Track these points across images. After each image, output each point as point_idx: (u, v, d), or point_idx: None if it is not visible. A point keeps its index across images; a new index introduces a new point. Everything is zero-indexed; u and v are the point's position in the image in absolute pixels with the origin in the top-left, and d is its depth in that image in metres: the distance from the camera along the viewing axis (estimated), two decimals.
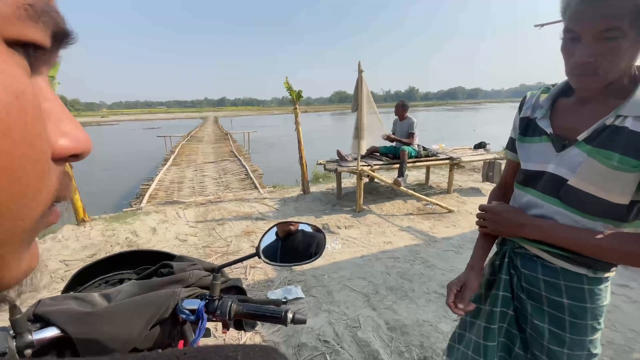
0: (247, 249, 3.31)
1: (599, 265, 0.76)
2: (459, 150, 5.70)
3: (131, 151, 17.08)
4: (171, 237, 3.71)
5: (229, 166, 8.30)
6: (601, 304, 0.79)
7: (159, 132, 23.94)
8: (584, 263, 0.76)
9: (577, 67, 0.70)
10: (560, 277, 0.80)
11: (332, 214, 4.30)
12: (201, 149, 12.31)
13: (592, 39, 0.65)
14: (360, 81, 3.96)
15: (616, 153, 0.68)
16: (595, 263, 0.76)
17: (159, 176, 6.94)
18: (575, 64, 0.69)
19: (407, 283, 2.59)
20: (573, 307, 0.79)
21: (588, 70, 0.68)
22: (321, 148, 14.50)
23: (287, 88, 4.90)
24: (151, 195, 5.55)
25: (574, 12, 0.68)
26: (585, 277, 0.78)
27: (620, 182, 0.69)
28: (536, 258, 0.84)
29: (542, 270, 0.82)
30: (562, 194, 0.76)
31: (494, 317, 0.89)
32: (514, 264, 0.89)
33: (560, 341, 0.80)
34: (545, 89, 0.88)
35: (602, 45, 0.65)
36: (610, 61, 0.66)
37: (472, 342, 0.93)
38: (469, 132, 22.24)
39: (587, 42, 0.66)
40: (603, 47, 0.65)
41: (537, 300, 0.84)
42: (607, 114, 0.71)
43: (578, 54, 0.68)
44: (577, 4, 0.66)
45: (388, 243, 3.40)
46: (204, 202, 4.95)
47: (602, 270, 0.77)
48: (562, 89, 0.84)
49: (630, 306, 2.23)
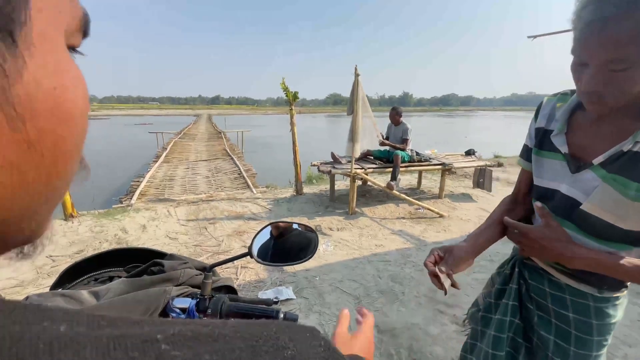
0: (238, 249, 3.29)
1: (605, 285, 0.75)
2: (451, 156, 5.78)
3: (122, 146, 16.82)
4: (161, 235, 3.67)
5: (222, 165, 8.24)
6: (609, 322, 0.77)
7: (150, 128, 23.65)
8: (588, 281, 0.76)
9: (582, 93, 0.67)
10: (566, 292, 0.79)
11: (324, 215, 4.31)
12: (194, 147, 12.19)
13: (597, 68, 0.61)
14: (357, 85, 3.99)
15: (634, 182, 0.64)
16: (601, 283, 0.74)
17: (150, 173, 6.84)
18: (581, 90, 0.67)
19: (398, 286, 2.61)
20: (578, 322, 0.78)
21: (593, 98, 0.65)
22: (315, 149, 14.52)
23: (283, 89, 4.90)
24: (142, 192, 5.48)
25: (579, 37, 0.63)
26: (590, 295, 0.77)
27: (639, 213, 0.65)
28: (542, 272, 0.84)
29: (548, 284, 0.83)
30: (576, 217, 0.74)
31: (504, 326, 0.88)
32: (522, 275, 0.89)
33: (564, 354, 0.79)
34: (562, 96, 0.83)
35: (609, 75, 0.60)
36: (618, 90, 0.61)
37: (482, 352, 0.92)
38: (461, 138, 22.55)
39: (593, 72, 0.62)
40: (609, 77, 0.60)
41: (545, 311, 0.84)
42: (625, 137, 0.66)
43: (584, 82, 0.64)
44: (583, 30, 0.61)
45: (380, 246, 3.42)
46: (195, 201, 4.91)
47: (610, 290, 0.76)
48: (578, 103, 0.77)
49: None
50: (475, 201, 5.06)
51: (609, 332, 0.78)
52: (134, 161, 11.44)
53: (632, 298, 2.48)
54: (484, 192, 5.34)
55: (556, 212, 0.77)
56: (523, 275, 0.89)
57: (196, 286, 0.73)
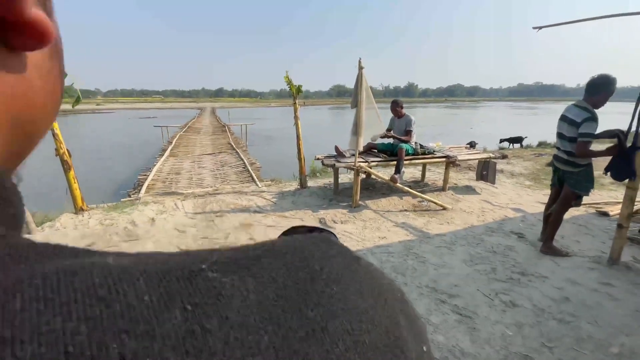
0: (245, 241, 3.38)
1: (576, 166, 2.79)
2: (455, 148, 5.78)
3: (127, 140, 16.97)
4: (170, 228, 3.76)
5: (227, 158, 8.32)
6: (582, 174, 2.82)
7: (155, 121, 23.76)
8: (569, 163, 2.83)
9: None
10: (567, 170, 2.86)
11: (328, 208, 4.37)
12: (199, 140, 12.28)
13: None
14: (361, 78, 4.00)
15: None
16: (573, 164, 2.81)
17: (157, 167, 6.95)
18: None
19: (400, 277, 2.67)
20: (572, 174, 2.82)
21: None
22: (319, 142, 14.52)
23: (287, 82, 4.92)
24: (149, 185, 5.58)
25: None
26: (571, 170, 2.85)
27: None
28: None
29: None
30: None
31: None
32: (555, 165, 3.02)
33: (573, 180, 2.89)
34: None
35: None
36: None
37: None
38: (467, 130, 22.36)
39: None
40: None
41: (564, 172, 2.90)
42: None
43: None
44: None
45: (383, 238, 3.49)
46: (202, 194, 5.00)
47: (578, 167, 2.80)
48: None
49: (611, 303, 2.33)
50: (478, 193, 5.08)
51: (582, 175, 2.83)
52: (140, 155, 11.58)
53: (631, 288, 2.53)
54: (488, 185, 5.35)
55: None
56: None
57: None
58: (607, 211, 4.12)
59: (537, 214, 4.08)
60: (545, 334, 2.04)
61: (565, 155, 2.86)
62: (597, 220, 4.00)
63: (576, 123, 2.70)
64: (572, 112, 2.80)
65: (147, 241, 3.46)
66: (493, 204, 4.60)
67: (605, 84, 2.66)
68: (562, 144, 2.88)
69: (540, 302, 2.35)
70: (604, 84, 2.66)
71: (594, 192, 4.77)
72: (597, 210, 4.23)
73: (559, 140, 2.96)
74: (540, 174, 6.39)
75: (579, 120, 2.67)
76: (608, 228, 3.74)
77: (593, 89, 2.70)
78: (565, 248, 3.20)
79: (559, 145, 2.95)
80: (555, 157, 3.05)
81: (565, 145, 2.85)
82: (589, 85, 2.73)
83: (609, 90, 2.66)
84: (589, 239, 3.48)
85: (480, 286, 2.55)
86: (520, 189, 5.40)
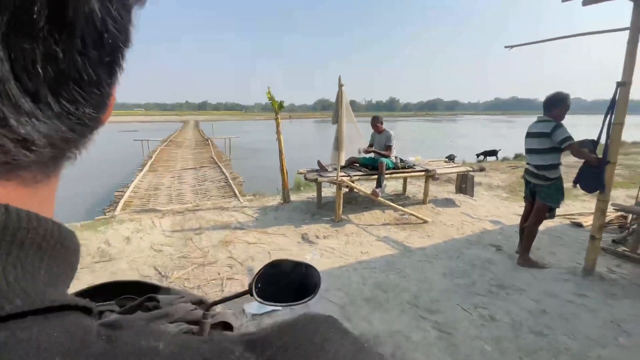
0: (224, 260, 3.28)
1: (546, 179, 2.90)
2: (434, 162, 5.91)
3: (105, 155, 16.46)
4: (146, 247, 3.62)
5: (209, 173, 8.19)
6: (552, 187, 2.93)
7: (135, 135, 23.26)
8: (540, 177, 2.94)
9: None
10: (538, 183, 2.97)
11: (311, 223, 4.34)
12: (180, 155, 12.06)
13: None
14: (340, 95, 4.06)
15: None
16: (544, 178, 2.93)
17: (135, 183, 6.74)
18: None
19: (382, 294, 2.65)
20: (544, 187, 2.91)
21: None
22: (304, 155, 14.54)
23: (269, 98, 4.94)
24: (126, 202, 5.39)
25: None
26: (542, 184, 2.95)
27: None
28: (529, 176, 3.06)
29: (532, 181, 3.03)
30: None
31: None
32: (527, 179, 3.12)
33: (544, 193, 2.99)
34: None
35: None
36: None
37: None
38: (447, 143, 22.99)
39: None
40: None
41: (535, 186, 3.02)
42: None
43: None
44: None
45: (365, 253, 3.47)
46: (181, 211, 4.86)
47: (547, 180, 2.90)
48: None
49: (587, 315, 2.38)
50: (458, 206, 5.18)
51: (553, 188, 2.94)
52: (118, 170, 11.22)
53: (605, 298, 2.60)
54: (467, 197, 5.47)
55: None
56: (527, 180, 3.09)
57: (192, 322, 0.70)
58: (581, 222, 4.27)
59: (514, 225, 4.18)
60: (523, 348, 2.05)
61: (536, 170, 2.97)
62: (571, 231, 4.14)
63: (546, 134, 2.83)
64: (537, 127, 2.95)
65: (120, 261, 3.31)
66: (472, 217, 4.69)
67: (560, 99, 2.89)
68: (532, 159, 3.00)
69: (518, 315, 2.37)
70: (559, 99, 2.89)
71: (569, 204, 4.95)
72: (571, 221, 4.38)
73: (528, 155, 3.08)
74: (516, 186, 6.60)
75: (548, 130, 2.82)
76: (582, 239, 3.87)
77: (550, 105, 2.93)
78: (542, 259, 3.28)
79: (529, 160, 3.08)
80: (526, 172, 3.16)
81: (535, 159, 2.96)
82: (547, 103, 2.97)
83: (565, 104, 2.89)
84: (563, 250, 3.58)
85: (460, 300, 2.56)
86: (498, 201, 5.55)
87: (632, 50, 2.59)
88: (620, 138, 2.71)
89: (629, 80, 2.62)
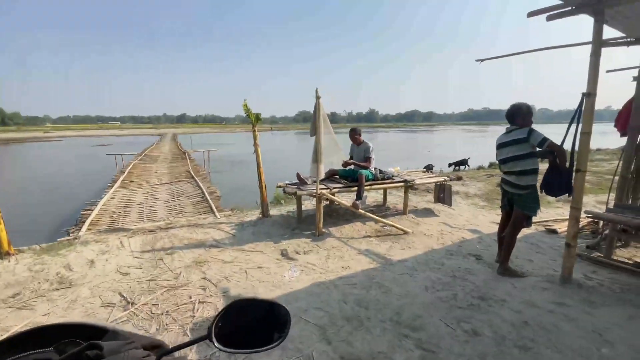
0: (197, 281, 3.09)
1: (524, 188, 2.95)
2: (413, 172, 5.96)
3: (75, 171, 15.69)
4: (111, 270, 3.36)
5: (184, 188, 7.89)
6: (529, 196, 2.98)
7: (109, 149, 22.41)
8: (519, 187, 2.98)
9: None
10: (516, 192, 3.02)
11: (291, 238, 4.21)
12: (155, 169, 11.63)
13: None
14: (318, 107, 4.02)
15: None
16: (522, 187, 2.97)
17: (104, 199, 6.38)
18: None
19: (363, 311, 2.55)
20: (521, 196, 2.97)
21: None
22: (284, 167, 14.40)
23: (245, 110, 4.83)
24: (93, 221, 5.06)
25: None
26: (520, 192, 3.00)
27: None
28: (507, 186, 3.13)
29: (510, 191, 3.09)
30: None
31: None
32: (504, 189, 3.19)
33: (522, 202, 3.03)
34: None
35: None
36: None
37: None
38: (425, 153, 23.54)
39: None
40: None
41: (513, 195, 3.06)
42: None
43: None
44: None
45: (346, 268, 3.37)
46: (152, 229, 4.60)
47: (526, 189, 2.95)
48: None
49: (568, 325, 2.37)
50: (437, 216, 5.20)
51: (528, 197, 2.99)
52: (88, 186, 10.67)
53: (584, 307, 2.61)
54: (445, 207, 5.52)
55: None
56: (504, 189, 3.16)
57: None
58: (555, 228, 4.37)
59: (492, 234, 4.22)
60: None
61: (514, 178, 3.00)
62: (547, 238, 4.22)
63: (524, 139, 2.88)
64: (510, 135, 3.00)
65: (82, 288, 3.04)
66: (451, 226, 4.71)
67: (517, 108, 3.00)
68: (511, 166, 3.02)
69: (501, 328, 2.33)
70: (517, 108, 3.00)
71: (543, 210, 5.07)
72: (546, 228, 4.48)
73: (504, 165, 3.11)
74: (492, 194, 6.74)
75: (525, 135, 2.87)
76: (557, 245, 3.94)
77: (513, 115, 3.02)
78: (520, 268, 3.29)
79: (505, 169, 3.10)
80: (503, 181, 3.19)
81: (515, 166, 2.98)
82: (510, 115, 3.05)
83: (523, 111, 2.99)
84: (540, 257, 3.62)
85: (443, 315, 2.49)
86: (476, 209, 5.63)
87: (595, 63, 2.70)
88: (589, 147, 2.79)
89: (594, 91, 2.72)
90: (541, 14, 2.95)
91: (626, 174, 3.29)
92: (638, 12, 2.78)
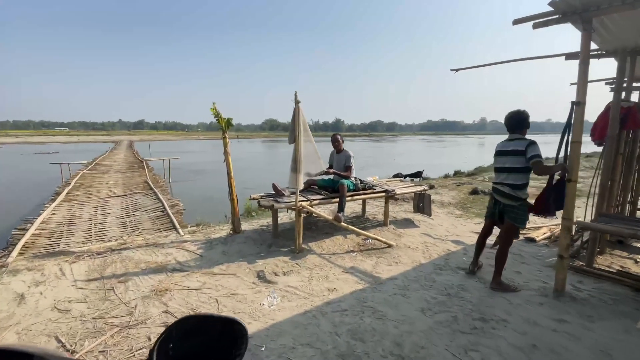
0: (157, 316, 2.57)
1: (517, 200, 2.87)
2: (391, 182, 5.81)
3: (9, 182, 13.80)
4: (47, 307, 2.72)
5: (141, 200, 7.10)
6: (521, 208, 2.89)
7: (54, 157, 20.23)
8: (512, 198, 2.89)
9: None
10: (509, 204, 2.92)
11: (268, 257, 3.79)
12: (107, 180, 10.50)
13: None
14: (297, 112, 3.69)
15: None
16: (515, 198, 2.89)
17: (43, 216, 5.47)
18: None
19: (360, 345, 2.22)
20: (514, 208, 2.89)
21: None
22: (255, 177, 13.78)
23: (214, 115, 4.37)
24: (26, 244, 4.24)
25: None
26: (513, 204, 2.90)
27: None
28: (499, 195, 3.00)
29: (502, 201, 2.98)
30: None
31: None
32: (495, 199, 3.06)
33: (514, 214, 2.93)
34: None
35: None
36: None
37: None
38: (391, 161, 24.06)
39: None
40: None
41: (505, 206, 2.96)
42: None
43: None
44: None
45: (332, 290, 3.03)
46: (102, 251, 3.93)
47: (519, 201, 2.87)
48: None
49: (574, 344, 2.22)
50: (417, 226, 5.06)
51: (519, 209, 2.89)
52: (24, 202, 9.32)
53: (584, 322, 2.50)
54: (425, 217, 5.40)
55: None
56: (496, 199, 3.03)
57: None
58: (534, 237, 4.38)
59: (474, 244, 4.11)
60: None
61: (510, 189, 2.88)
62: (526, 247, 4.20)
63: (521, 152, 2.78)
64: (511, 145, 2.89)
65: (6, 332, 2.40)
66: (434, 237, 4.57)
67: (526, 118, 2.92)
68: (506, 178, 2.91)
69: (511, 355, 2.12)
70: (525, 118, 2.92)
71: None
72: (524, 236, 4.48)
73: (499, 174, 3.00)
74: (466, 202, 6.81)
75: (523, 147, 2.78)
76: (539, 254, 3.92)
77: (518, 124, 2.92)
78: (511, 281, 3.17)
79: (500, 179, 2.98)
80: (495, 191, 3.06)
81: (510, 178, 2.88)
82: (514, 122, 2.93)
83: (527, 122, 2.94)
84: (526, 269, 3.55)
85: (447, 343, 2.24)
86: (453, 218, 5.58)
87: (584, 71, 2.67)
88: (579, 156, 2.74)
89: (583, 100, 2.68)
90: (527, 21, 2.90)
91: (606, 182, 3.32)
92: (622, 25, 2.81)
